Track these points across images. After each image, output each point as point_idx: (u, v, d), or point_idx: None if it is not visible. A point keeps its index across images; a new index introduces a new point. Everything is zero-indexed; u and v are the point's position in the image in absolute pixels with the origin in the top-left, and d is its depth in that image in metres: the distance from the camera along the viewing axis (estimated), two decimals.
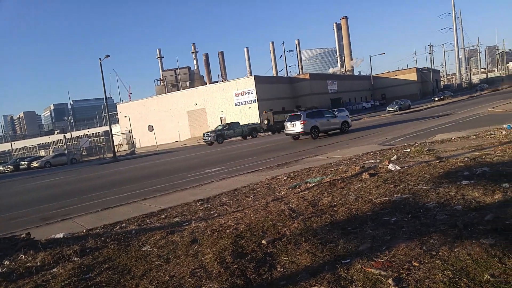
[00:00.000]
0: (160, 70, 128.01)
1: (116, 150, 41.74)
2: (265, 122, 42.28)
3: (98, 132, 75.81)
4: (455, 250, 3.64)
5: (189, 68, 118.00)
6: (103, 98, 45.59)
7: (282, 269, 3.97)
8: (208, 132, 40.21)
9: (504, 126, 12.54)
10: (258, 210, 6.57)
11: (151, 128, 41.69)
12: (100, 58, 37.67)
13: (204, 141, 40.02)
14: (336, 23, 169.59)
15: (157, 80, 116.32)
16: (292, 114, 25.46)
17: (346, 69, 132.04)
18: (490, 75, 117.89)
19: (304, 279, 3.63)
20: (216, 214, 6.91)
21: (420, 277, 3.29)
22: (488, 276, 3.11)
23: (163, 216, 7.47)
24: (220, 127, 41.38)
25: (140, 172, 19.77)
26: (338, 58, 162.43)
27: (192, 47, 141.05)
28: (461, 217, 4.53)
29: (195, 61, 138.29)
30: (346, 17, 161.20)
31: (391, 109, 47.03)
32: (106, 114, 41.74)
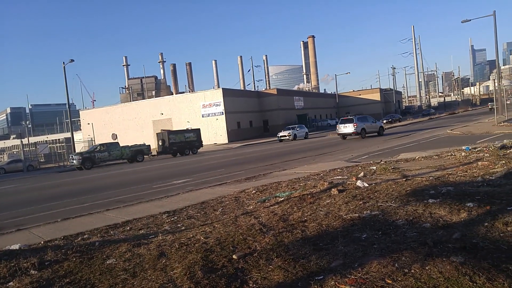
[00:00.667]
0: (126, 78, 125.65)
1: None
2: (160, 143, 36.48)
3: (59, 139, 72.84)
4: (426, 268, 3.67)
5: (156, 77, 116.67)
6: (65, 103, 43.95)
7: (254, 285, 3.86)
8: (73, 153, 33.42)
9: (463, 147, 13.14)
10: (227, 224, 6.43)
11: (114, 137, 40.53)
12: (63, 63, 36.46)
13: (70, 165, 33.72)
14: (303, 41, 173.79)
15: (123, 88, 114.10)
16: (344, 118, 30.91)
17: (312, 87, 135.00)
18: (447, 99, 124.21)
19: None
20: (183, 227, 6.70)
21: None
22: None
23: (128, 228, 7.15)
24: (91, 148, 34.45)
25: (103, 181, 19.03)
26: (305, 76, 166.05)
27: (160, 56, 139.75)
28: (430, 235, 4.62)
29: (162, 70, 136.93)
30: (313, 36, 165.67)
31: None
32: (68, 120, 40.13)
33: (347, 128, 28.67)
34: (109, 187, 15.57)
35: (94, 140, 49.48)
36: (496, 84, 32.31)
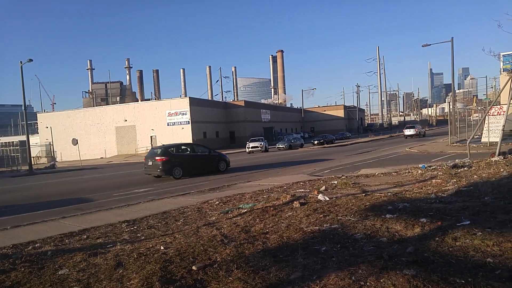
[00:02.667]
0: (90, 82, 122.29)
1: (33, 163, 38.21)
2: None
3: (12, 142, 69.05)
4: (381, 281, 3.79)
5: (121, 83, 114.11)
6: (21, 105, 41.85)
7: None
8: None
9: (420, 165, 13.72)
10: (188, 235, 6.36)
11: (75, 142, 39.09)
12: (21, 62, 34.73)
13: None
14: (272, 55, 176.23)
15: (86, 92, 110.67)
16: (408, 126, 49.20)
17: (279, 101, 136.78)
18: (407, 118, 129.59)
19: None
20: (143, 237, 6.55)
21: None
22: None
23: (85, 236, 6.91)
24: None
25: (60, 188, 18.25)
26: (272, 89, 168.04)
27: (126, 62, 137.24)
28: (386, 248, 4.78)
29: (128, 76, 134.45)
30: (282, 51, 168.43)
31: (281, 146, 42.93)
32: (24, 122, 38.28)
33: (411, 132, 45.38)
34: (67, 193, 14.97)
35: (52, 145, 47.44)
36: (451, 107, 34.08)
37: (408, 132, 45.71)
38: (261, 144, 40.87)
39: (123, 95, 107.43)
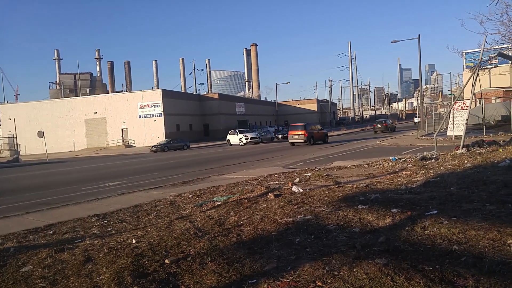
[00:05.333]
0: (57, 73, 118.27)
1: None
2: None
3: None
4: (354, 270, 3.83)
5: (91, 74, 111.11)
6: None
7: None
8: None
9: (390, 158, 14.05)
10: (161, 228, 6.24)
11: (41, 134, 37.70)
12: None
13: None
14: (246, 48, 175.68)
15: (53, 83, 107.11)
16: (416, 116, 53.00)
17: (254, 94, 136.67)
18: (378, 112, 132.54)
19: None
20: (113, 231, 6.38)
21: None
22: None
23: (51, 232, 6.65)
24: None
25: (24, 182, 17.56)
26: (246, 83, 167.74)
27: (96, 52, 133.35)
28: (359, 239, 4.85)
29: (98, 67, 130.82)
30: (256, 44, 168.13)
31: None
32: None
33: (419, 120, 55.31)
34: (32, 188, 14.41)
35: (16, 137, 45.57)
36: (419, 102, 35.12)
37: (416, 120, 58.23)
38: (254, 135, 40.11)
39: (93, 87, 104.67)
